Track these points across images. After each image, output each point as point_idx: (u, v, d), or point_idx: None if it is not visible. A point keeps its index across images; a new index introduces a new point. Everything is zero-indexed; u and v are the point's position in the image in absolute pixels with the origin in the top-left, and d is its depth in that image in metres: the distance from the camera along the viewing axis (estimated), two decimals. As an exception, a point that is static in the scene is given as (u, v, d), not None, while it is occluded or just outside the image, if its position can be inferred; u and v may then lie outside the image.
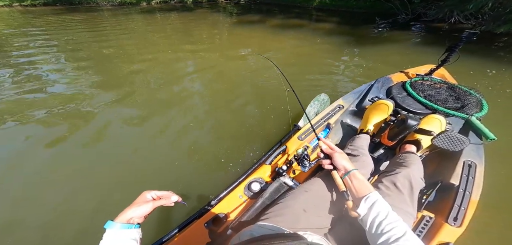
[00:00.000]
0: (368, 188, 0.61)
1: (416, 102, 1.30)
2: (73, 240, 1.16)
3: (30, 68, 3.38)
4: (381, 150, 1.20)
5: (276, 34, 5.60)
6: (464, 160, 0.97)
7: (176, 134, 1.90)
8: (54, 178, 1.50)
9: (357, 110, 1.44)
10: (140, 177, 1.51)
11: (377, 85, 1.54)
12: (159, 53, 4.11)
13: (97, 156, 1.71)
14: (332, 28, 6.10)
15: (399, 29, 5.73)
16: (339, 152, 0.72)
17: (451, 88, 1.37)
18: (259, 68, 3.27)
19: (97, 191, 1.40)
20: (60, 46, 4.53)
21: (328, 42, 4.69)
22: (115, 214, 0.49)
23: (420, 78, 1.51)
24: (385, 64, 3.30)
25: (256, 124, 1.96)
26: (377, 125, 1.15)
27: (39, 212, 1.29)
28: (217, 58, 3.90)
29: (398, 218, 0.52)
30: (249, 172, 1.05)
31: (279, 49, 4.37)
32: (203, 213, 0.87)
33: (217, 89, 2.76)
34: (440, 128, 1.04)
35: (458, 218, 0.78)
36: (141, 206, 0.50)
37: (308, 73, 3.06)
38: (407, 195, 0.73)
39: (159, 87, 2.78)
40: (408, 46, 4.31)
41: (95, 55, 4.05)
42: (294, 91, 1.16)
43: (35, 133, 1.92)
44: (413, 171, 0.79)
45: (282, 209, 0.69)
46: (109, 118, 2.13)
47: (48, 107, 2.27)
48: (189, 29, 6.42)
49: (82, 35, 5.57)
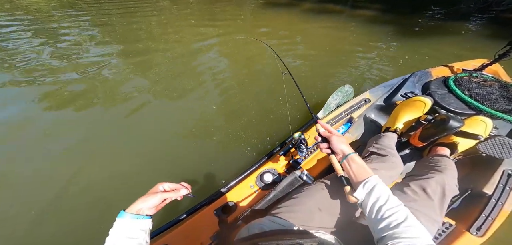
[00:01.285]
0: (367, 172, 0.59)
1: (458, 100, 1.15)
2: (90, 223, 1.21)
3: (65, 41, 3.69)
4: (407, 150, 1.10)
5: (305, 19, 5.11)
6: (504, 169, 0.88)
7: (197, 114, 1.96)
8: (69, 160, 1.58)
9: (385, 105, 1.31)
10: (155, 163, 1.56)
11: (413, 79, 1.37)
12: (182, 36, 4.14)
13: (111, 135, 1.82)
14: (371, 15, 5.29)
15: (455, 19, 4.72)
16: (337, 135, 0.69)
17: (503, 87, 1.18)
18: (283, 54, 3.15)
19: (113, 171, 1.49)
20: (94, 23, 4.84)
21: (363, 30, 4.17)
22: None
23: (467, 74, 1.31)
24: (434, 59, 2.83)
25: (275, 110, 1.93)
26: (407, 124, 1.04)
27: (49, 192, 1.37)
28: (238, 42, 3.81)
29: (399, 202, 0.51)
30: (262, 161, 1.02)
31: (307, 34, 4.08)
32: (213, 199, 0.86)
33: (238, 72, 2.73)
34: (485, 132, 0.91)
35: (482, 228, 0.74)
36: (150, 198, 0.50)
37: (335, 63, 2.85)
38: (437, 202, 0.67)
39: (179, 70, 2.82)
40: (467, 39, 3.54)
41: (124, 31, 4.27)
42: (291, 74, 1.12)
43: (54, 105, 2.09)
44: (448, 177, 0.72)
45: (296, 205, 0.68)
46: (122, 94, 2.25)
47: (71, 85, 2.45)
48: (214, 11, 6.29)
49: (114, 13, 5.84)
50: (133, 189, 1.34)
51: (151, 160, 1.58)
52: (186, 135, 1.77)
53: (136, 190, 0.54)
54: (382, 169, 0.78)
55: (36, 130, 1.80)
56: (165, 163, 1.56)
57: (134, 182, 1.40)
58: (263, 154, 1.06)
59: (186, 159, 1.59)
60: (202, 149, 1.65)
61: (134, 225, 0.46)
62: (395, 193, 0.72)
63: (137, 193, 0.52)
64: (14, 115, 1.97)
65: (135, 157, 1.61)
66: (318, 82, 2.38)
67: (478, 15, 5.07)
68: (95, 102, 2.16)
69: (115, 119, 1.97)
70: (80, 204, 1.32)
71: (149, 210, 0.50)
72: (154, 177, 1.47)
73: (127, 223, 0.46)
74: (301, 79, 2.33)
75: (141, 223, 0.47)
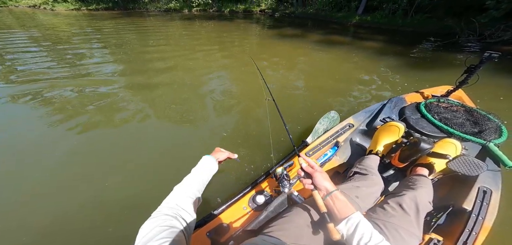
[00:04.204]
0: (350, 208, 0.60)
1: (430, 124, 1.27)
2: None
3: (78, 57, 4.35)
4: (391, 171, 1.18)
5: (308, 49, 5.36)
6: (479, 186, 0.95)
7: (195, 137, 2.07)
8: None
9: (367, 129, 1.42)
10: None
11: (390, 105, 1.52)
12: (189, 60, 4.42)
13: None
14: (372, 46, 5.63)
15: (451, 50, 5.06)
16: (320, 171, 0.70)
17: (468, 112, 1.32)
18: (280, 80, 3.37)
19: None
20: (108, 44, 5.60)
21: (363, 59, 4.43)
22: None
23: (435, 100, 1.46)
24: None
25: (265, 136, 1.99)
26: (387, 147, 1.13)
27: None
28: (243, 66, 4.02)
29: (381, 238, 0.53)
30: (254, 184, 1.06)
31: (305, 63, 4.33)
32: (206, 221, 0.88)
33: (233, 98, 2.84)
34: (455, 153, 1.01)
35: (468, 242, 0.77)
36: (221, 152, 0.86)
37: (331, 89, 3.02)
38: (413, 217, 0.73)
39: (184, 90, 3.00)
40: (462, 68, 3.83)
41: (134, 53, 4.80)
42: (274, 101, 1.20)
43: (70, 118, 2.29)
44: (421, 194, 0.79)
45: (286, 223, 0.70)
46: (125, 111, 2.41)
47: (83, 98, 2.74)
48: (222, 37, 6.80)
49: (128, 35, 6.79)
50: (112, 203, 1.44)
51: (142, 177, 1.62)
52: (181, 156, 1.82)
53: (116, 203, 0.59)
54: (363, 186, 0.85)
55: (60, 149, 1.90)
56: (158, 186, 1.56)
57: (115, 200, 1.45)
58: (255, 178, 1.10)
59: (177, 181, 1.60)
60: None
61: (213, 164, 0.78)
62: (378, 210, 0.78)
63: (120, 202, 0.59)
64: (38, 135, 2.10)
65: (118, 176, 1.64)
66: (311, 106, 2.47)
67: (473, 46, 5.43)
68: (96, 122, 2.28)
69: (105, 140, 2.07)
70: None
71: (218, 160, 0.82)
72: (143, 196, 1.49)
73: (210, 160, 0.78)
74: (293, 105, 2.43)
75: (216, 165, 0.79)
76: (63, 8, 16.67)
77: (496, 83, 3.04)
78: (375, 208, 0.81)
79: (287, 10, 13.84)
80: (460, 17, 6.51)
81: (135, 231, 0.49)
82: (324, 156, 1.29)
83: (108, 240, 1.21)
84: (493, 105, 2.50)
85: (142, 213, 0.57)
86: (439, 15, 7.49)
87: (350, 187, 0.85)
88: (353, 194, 0.81)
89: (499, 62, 3.72)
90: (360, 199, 0.81)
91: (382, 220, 0.72)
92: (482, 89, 2.57)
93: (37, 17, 12.04)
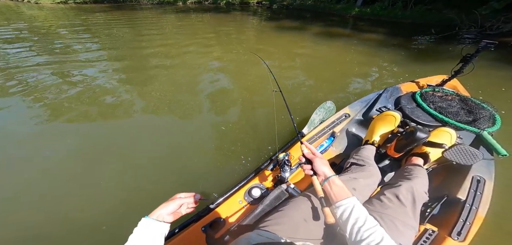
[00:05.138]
0: (346, 193, 0.62)
1: (425, 113, 1.27)
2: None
3: (71, 55, 4.15)
4: (387, 161, 1.18)
5: (307, 42, 5.27)
6: (472, 175, 0.95)
7: (190, 130, 2.05)
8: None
9: (363, 119, 1.41)
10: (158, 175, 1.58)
11: (386, 94, 1.51)
12: (184, 53, 4.32)
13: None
14: (371, 38, 5.52)
15: (451, 42, 4.95)
16: (320, 157, 0.72)
17: (463, 101, 1.32)
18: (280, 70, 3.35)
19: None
20: (100, 40, 5.33)
21: (363, 51, 4.36)
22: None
23: (431, 89, 1.46)
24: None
25: (263, 127, 1.99)
26: (383, 136, 1.13)
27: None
28: (236, 61, 3.96)
29: (376, 223, 0.54)
30: (250, 177, 1.04)
31: (305, 55, 4.23)
32: (201, 216, 0.86)
33: (229, 90, 2.80)
34: (450, 142, 1.01)
35: (462, 232, 0.77)
36: (169, 205, 0.58)
37: (329, 80, 3.01)
38: (409, 208, 0.73)
39: (177, 86, 2.92)
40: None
41: (131, 52, 4.56)
42: (282, 92, 1.19)
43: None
44: (417, 185, 0.79)
45: (282, 217, 0.69)
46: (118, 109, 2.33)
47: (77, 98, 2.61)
48: (218, 30, 6.62)
49: (121, 30, 6.53)
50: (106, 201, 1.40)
51: (138, 175, 1.58)
52: (176, 150, 1.80)
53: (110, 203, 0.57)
54: (360, 177, 0.84)
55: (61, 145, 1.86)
56: (153, 180, 1.54)
57: (112, 197, 1.41)
58: (252, 170, 1.09)
59: (175, 176, 1.58)
60: (193, 164, 1.67)
61: (155, 226, 0.53)
62: (374, 201, 0.77)
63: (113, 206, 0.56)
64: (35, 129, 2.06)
65: (119, 174, 1.60)
66: (309, 97, 2.47)
67: (473, 38, 5.32)
68: (88, 116, 2.24)
69: (102, 133, 2.04)
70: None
71: (168, 216, 0.56)
72: (139, 193, 1.45)
73: (149, 224, 0.53)
74: (292, 97, 2.41)
75: (160, 226, 0.54)
76: (49, 2, 15.84)
77: (498, 75, 3.04)
78: (372, 199, 0.80)
79: (285, 1, 13.46)
80: (459, 9, 6.47)
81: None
82: (321, 146, 1.28)
83: (102, 239, 1.19)
84: (495, 95, 2.50)
85: (137, 212, 0.58)
86: (438, 7, 7.49)
87: (348, 179, 0.84)
88: (351, 186, 0.80)
89: (500, 54, 3.76)
90: (357, 191, 0.80)
91: (379, 212, 0.72)
92: (484, 80, 2.60)
93: (22, 11, 11.53)
